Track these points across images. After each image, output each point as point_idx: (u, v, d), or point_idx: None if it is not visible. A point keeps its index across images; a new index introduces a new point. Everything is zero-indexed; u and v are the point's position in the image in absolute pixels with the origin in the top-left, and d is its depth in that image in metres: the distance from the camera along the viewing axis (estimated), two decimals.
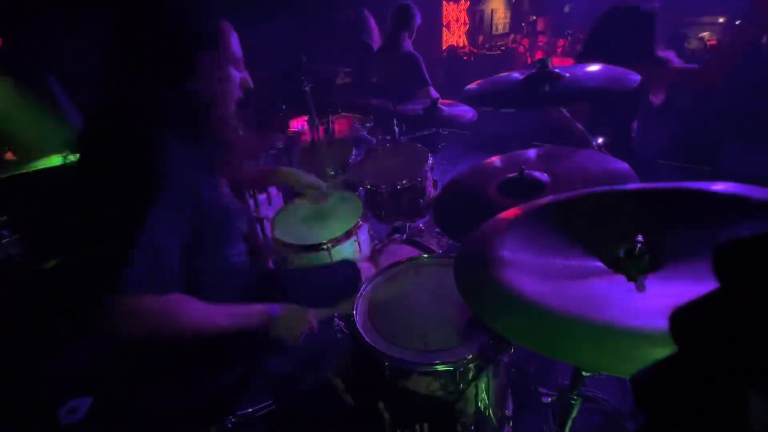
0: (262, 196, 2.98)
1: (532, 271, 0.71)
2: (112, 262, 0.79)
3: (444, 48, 6.72)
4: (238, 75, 1.01)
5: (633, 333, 0.53)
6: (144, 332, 0.82)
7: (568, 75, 1.26)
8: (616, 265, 0.71)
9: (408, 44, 2.93)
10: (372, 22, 3.22)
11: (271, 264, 1.63)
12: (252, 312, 1.01)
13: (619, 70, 1.26)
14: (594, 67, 1.32)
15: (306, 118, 2.40)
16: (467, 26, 7.02)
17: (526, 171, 1.20)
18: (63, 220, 0.90)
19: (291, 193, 2.76)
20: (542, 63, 1.29)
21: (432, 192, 1.99)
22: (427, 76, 2.83)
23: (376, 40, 3.28)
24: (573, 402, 0.93)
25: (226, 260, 1.06)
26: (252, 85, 1.06)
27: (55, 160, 2.24)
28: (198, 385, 1.03)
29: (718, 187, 0.71)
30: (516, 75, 1.38)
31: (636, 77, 1.17)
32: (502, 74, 1.47)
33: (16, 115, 2.36)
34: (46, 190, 2.08)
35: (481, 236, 0.86)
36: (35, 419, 1.60)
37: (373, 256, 1.72)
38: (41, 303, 1.93)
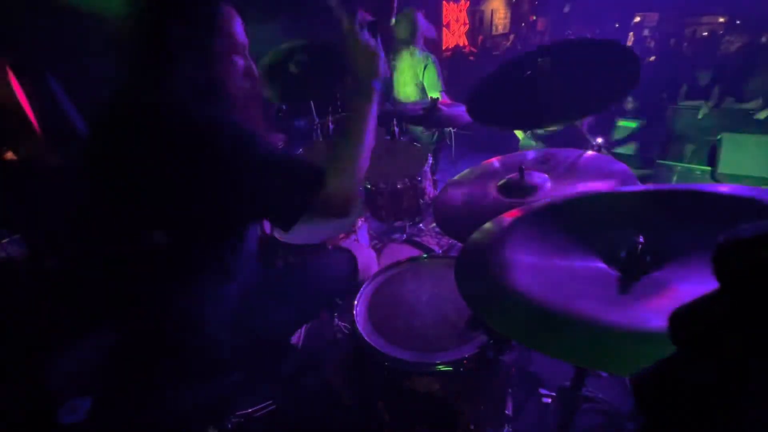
0: None
1: (532, 271, 0.71)
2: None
3: (444, 48, 6.72)
4: (242, 63, 0.95)
5: (632, 333, 0.53)
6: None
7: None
8: (617, 266, 0.71)
9: (422, 48, 3.02)
10: None
11: (279, 263, 1.62)
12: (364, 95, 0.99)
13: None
14: None
15: None
16: (467, 26, 7.02)
17: (526, 171, 1.20)
18: (72, 216, 0.89)
19: None
20: None
21: (432, 192, 1.99)
22: (442, 80, 2.89)
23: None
24: (573, 402, 0.93)
25: (247, 242, 1.04)
26: (257, 74, 1.00)
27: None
28: (198, 386, 1.03)
29: (723, 189, 0.71)
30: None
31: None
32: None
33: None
34: (46, 189, 2.08)
35: (482, 236, 0.86)
36: (35, 419, 1.60)
37: None
38: (41, 303, 1.93)
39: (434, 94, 2.89)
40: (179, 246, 0.88)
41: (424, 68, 2.86)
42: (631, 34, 6.70)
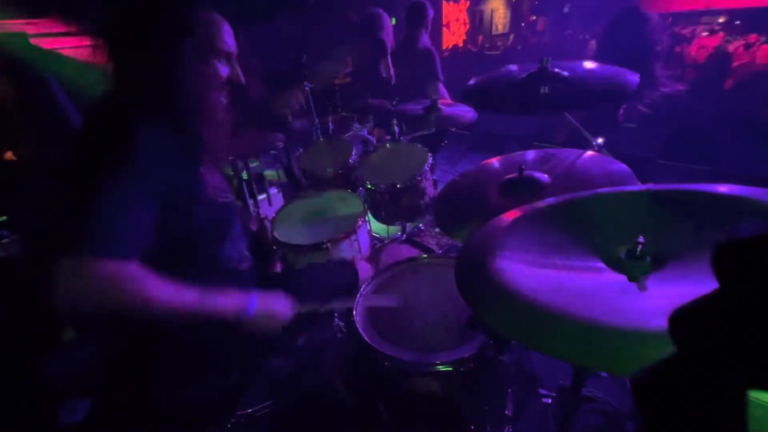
0: (261, 196, 2.98)
1: (532, 271, 0.71)
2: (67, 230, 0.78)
3: (445, 48, 6.72)
4: (225, 69, 0.96)
5: (632, 333, 0.53)
6: (101, 300, 0.76)
7: (567, 74, 1.26)
8: (617, 266, 0.71)
9: (426, 40, 3.14)
10: (387, 20, 3.24)
11: (278, 267, 1.62)
12: (226, 299, 0.91)
13: (618, 70, 1.26)
14: (589, 65, 1.34)
15: None
16: (467, 26, 7.02)
17: (526, 171, 1.20)
18: (60, 219, 0.91)
19: (291, 193, 2.76)
20: (542, 61, 1.28)
21: (432, 192, 1.98)
22: (440, 72, 3.05)
23: (390, 37, 3.30)
24: (573, 402, 0.93)
25: (222, 256, 1.04)
26: (243, 81, 1.00)
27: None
28: (198, 386, 1.03)
29: (723, 188, 0.71)
30: (513, 68, 1.39)
31: (635, 77, 1.17)
32: (500, 69, 1.47)
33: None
34: (46, 190, 2.08)
35: (482, 236, 0.86)
36: (35, 419, 1.60)
37: (373, 256, 1.71)
38: (41, 303, 1.93)
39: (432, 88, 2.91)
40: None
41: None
42: None
